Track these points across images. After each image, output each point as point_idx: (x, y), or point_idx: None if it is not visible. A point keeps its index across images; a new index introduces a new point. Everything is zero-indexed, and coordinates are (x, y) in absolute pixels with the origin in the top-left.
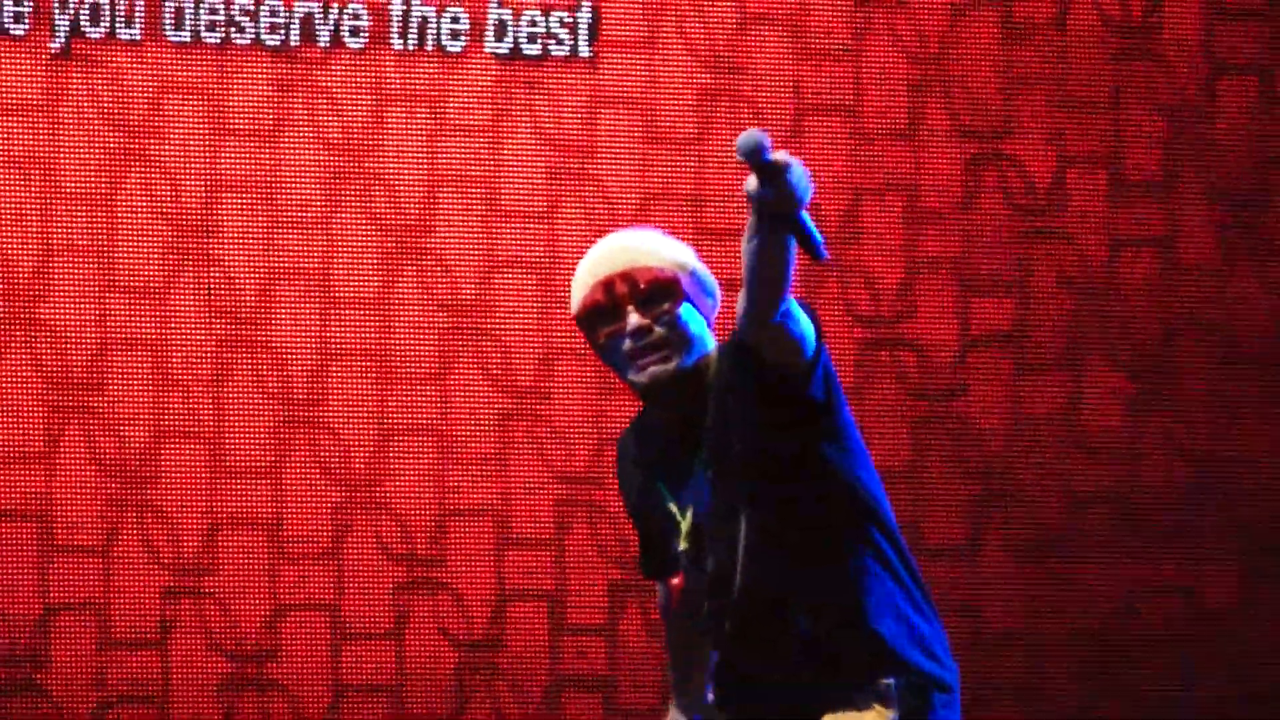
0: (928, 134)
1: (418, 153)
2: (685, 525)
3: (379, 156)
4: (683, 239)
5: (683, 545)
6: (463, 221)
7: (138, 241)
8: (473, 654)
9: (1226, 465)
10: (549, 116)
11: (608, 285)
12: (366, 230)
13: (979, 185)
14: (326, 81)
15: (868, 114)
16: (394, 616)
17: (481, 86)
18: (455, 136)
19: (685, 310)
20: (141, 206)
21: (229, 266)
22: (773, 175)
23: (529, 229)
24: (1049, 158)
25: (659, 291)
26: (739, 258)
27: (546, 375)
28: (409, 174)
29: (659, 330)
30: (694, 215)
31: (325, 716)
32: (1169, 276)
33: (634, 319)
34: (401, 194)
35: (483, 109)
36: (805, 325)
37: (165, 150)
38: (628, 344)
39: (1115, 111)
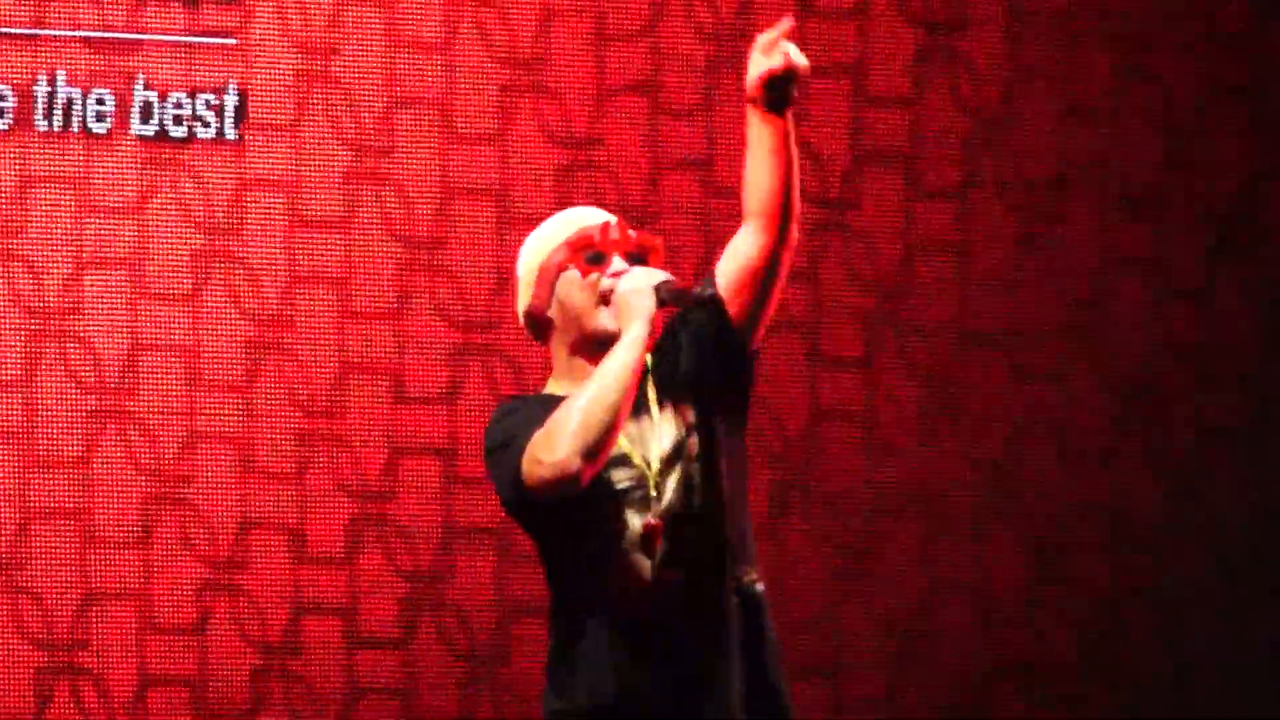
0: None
1: (62, 234)
2: (652, 464)
3: (23, 238)
4: (325, 321)
5: (653, 483)
6: (108, 305)
7: None
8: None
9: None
10: (195, 198)
11: (606, 229)
12: (7, 313)
13: None
14: None
15: (515, 197)
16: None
17: (127, 168)
18: (100, 218)
19: None
20: None
21: None
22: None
23: (174, 312)
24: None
25: (645, 253)
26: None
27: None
28: (53, 255)
29: None
30: (340, 297)
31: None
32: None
33: (620, 263)
34: (45, 275)
35: (128, 191)
36: None
37: None
38: (606, 282)
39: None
